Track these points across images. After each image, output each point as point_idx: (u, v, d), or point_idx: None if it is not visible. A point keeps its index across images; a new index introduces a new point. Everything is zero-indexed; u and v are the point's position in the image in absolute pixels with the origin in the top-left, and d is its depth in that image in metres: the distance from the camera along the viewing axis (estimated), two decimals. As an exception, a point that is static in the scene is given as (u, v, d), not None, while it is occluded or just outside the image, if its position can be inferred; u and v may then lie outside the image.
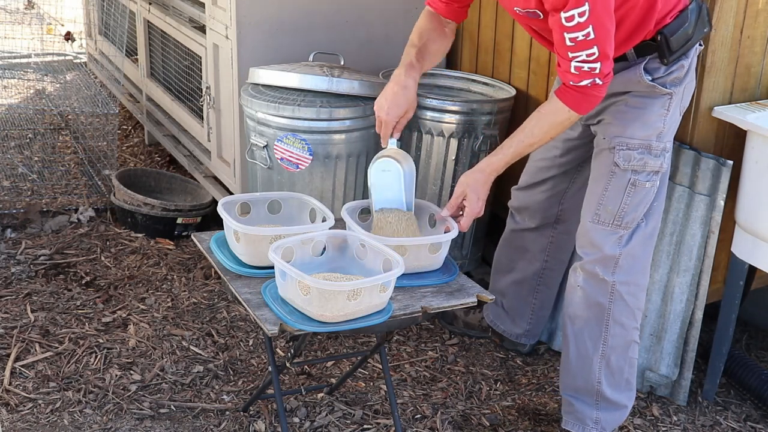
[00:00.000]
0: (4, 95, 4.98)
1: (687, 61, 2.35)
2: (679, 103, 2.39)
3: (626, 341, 2.51)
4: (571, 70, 2.15)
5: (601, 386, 2.52)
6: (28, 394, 2.67)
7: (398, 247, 2.18)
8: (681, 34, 2.29)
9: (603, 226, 2.42)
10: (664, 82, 2.33)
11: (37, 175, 4.17)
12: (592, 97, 2.20)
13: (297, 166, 2.89)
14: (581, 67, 2.14)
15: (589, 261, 2.45)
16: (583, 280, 2.47)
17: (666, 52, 2.29)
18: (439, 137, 3.08)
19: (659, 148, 2.37)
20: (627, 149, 2.36)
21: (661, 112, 2.35)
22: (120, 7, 4.55)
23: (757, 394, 2.83)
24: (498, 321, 2.99)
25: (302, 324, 1.97)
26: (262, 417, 2.64)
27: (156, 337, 3.00)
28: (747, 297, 2.89)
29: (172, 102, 4.05)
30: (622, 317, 2.48)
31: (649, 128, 2.35)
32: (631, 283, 2.47)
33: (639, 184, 2.38)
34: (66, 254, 3.52)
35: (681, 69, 2.34)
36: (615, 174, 2.39)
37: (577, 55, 2.12)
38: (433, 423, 2.67)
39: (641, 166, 2.36)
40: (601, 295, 2.46)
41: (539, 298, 2.91)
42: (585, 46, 2.10)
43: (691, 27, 2.29)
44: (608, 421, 2.55)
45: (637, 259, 2.47)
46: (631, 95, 2.36)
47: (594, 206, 2.43)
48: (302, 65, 2.99)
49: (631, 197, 2.38)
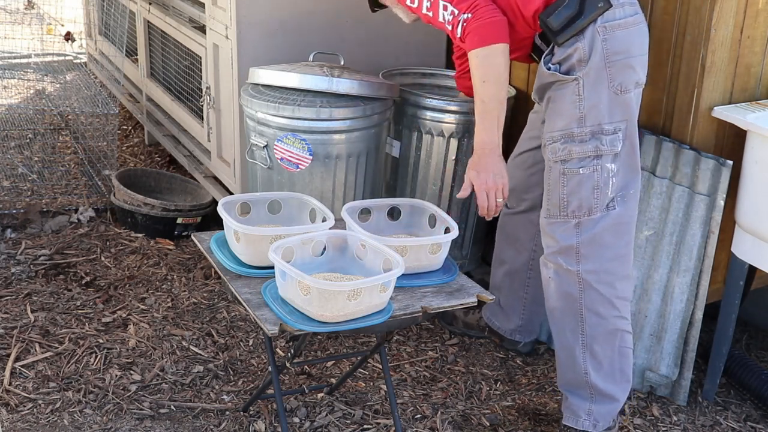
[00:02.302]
0: (4, 95, 4.98)
1: (584, 41, 2.32)
2: (601, 83, 2.34)
3: (607, 330, 2.50)
4: (449, 28, 2.32)
5: (589, 377, 2.52)
6: (28, 394, 2.68)
7: (399, 248, 2.18)
8: (561, 14, 2.31)
9: (553, 219, 2.47)
10: (569, 68, 2.35)
11: (37, 175, 4.17)
12: (480, 27, 2.28)
13: (297, 166, 2.89)
14: (449, 20, 2.31)
15: (550, 253, 2.49)
16: (553, 272, 2.50)
17: (550, 35, 2.34)
18: (439, 137, 3.08)
19: (584, 132, 2.37)
20: (552, 142, 2.42)
21: (573, 98, 2.36)
22: (120, 7, 4.55)
23: (757, 394, 2.83)
24: (493, 317, 3.00)
25: (302, 324, 1.98)
26: (262, 417, 2.64)
27: (156, 337, 3.01)
28: (747, 297, 2.89)
29: (172, 102, 4.06)
30: (596, 306, 2.48)
31: (565, 117, 2.38)
32: (601, 271, 2.45)
33: (569, 172, 2.40)
34: (66, 254, 3.52)
35: (579, 51, 2.33)
36: (551, 168, 2.45)
37: (442, 17, 2.33)
38: (433, 423, 2.67)
39: (566, 154, 2.39)
40: (570, 286, 2.48)
41: (530, 292, 2.91)
42: (436, 6, 2.33)
43: (573, 6, 2.30)
44: (601, 414, 2.56)
45: (606, 247, 2.45)
46: (551, 90, 2.42)
47: (545, 202, 2.49)
48: (302, 65, 2.99)
49: (566, 186, 2.41)
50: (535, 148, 2.69)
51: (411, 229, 2.45)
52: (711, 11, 2.55)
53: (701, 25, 2.59)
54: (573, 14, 2.31)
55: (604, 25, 2.33)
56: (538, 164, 2.69)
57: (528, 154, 2.74)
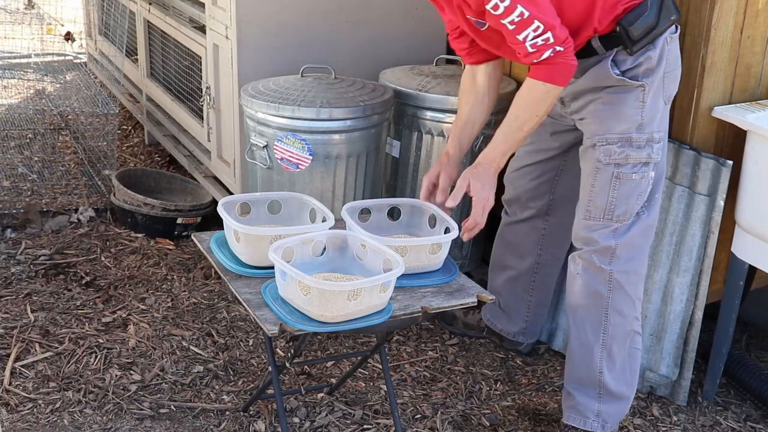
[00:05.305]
0: (4, 95, 4.98)
1: (655, 51, 2.34)
2: (659, 93, 2.39)
3: (626, 331, 2.52)
4: (529, 49, 2.20)
5: (602, 376, 2.53)
6: (28, 394, 2.68)
7: (399, 248, 2.18)
8: (641, 24, 2.30)
9: (594, 222, 2.45)
10: (634, 75, 2.35)
11: (37, 175, 4.17)
12: (561, 65, 2.23)
13: (297, 166, 2.89)
14: (535, 43, 2.19)
15: (585, 251, 2.49)
16: (582, 268, 2.50)
17: (628, 42, 2.31)
18: (439, 137, 3.08)
19: (642, 139, 2.38)
20: (607, 144, 2.39)
21: (636, 104, 2.36)
22: (120, 7, 4.55)
23: (757, 394, 2.83)
24: (495, 320, 2.99)
25: (302, 324, 1.97)
26: (262, 417, 2.64)
27: (156, 337, 3.00)
28: (747, 297, 2.89)
29: (172, 102, 4.06)
30: (621, 306, 2.50)
31: (626, 121, 2.37)
32: (631, 272, 2.48)
33: (623, 177, 2.39)
34: (66, 254, 3.52)
35: (650, 60, 2.34)
36: (599, 170, 2.42)
37: (526, 35, 2.18)
38: (433, 423, 2.67)
39: (623, 159, 2.39)
40: (599, 284, 2.48)
41: (535, 295, 2.91)
42: (525, 24, 2.16)
43: (652, 16, 2.30)
44: (610, 415, 2.56)
45: (637, 249, 2.48)
46: (605, 92, 2.39)
47: (585, 203, 2.47)
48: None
49: (617, 190, 2.41)
50: (542, 160, 2.71)
51: (411, 229, 2.44)
52: (711, 11, 2.55)
53: (701, 25, 2.59)
54: (652, 24, 2.31)
55: (668, 37, 2.37)
56: (545, 174, 2.73)
57: (534, 167, 2.74)
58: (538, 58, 2.21)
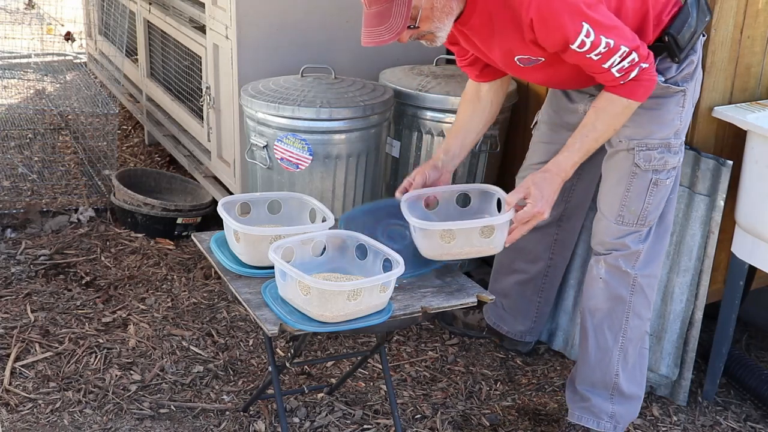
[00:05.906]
0: (4, 95, 4.98)
1: (696, 55, 2.36)
2: (692, 96, 2.40)
3: (641, 333, 2.54)
4: (616, 74, 2.18)
5: (618, 379, 2.53)
6: (28, 394, 2.68)
7: (446, 233, 2.16)
8: (686, 31, 2.29)
9: (627, 227, 2.44)
10: (676, 81, 2.34)
11: (37, 175, 4.17)
12: (646, 81, 2.21)
13: (297, 166, 2.89)
14: (622, 66, 2.16)
15: (613, 255, 2.46)
16: (605, 272, 2.48)
17: (676, 51, 2.30)
18: (439, 137, 3.08)
19: (677, 144, 2.39)
20: (647, 149, 2.36)
21: (677, 110, 2.36)
22: (120, 7, 4.55)
23: (757, 394, 2.83)
24: (500, 322, 2.98)
25: (302, 324, 1.97)
26: (262, 417, 2.64)
27: (156, 337, 3.00)
28: (747, 297, 2.89)
29: (172, 102, 4.06)
30: (641, 309, 2.50)
31: (667, 127, 2.36)
32: (651, 275, 2.50)
33: (660, 183, 2.39)
34: (66, 254, 3.52)
35: (691, 64, 2.35)
36: (636, 175, 2.39)
37: (612, 62, 2.15)
38: (433, 423, 2.67)
39: (662, 165, 2.37)
40: (622, 288, 2.48)
41: (544, 296, 2.91)
42: (612, 52, 2.13)
43: (694, 21, 2.30)
44: (622, 415, 2.56)
45: (657, 252, 2.50)
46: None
47: (617, 208, 2.43)
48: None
49: (653, 196, 2.40)
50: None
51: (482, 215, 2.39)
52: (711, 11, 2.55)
53: (701, 25, 2.59)
54: (694, 29, 2.30)
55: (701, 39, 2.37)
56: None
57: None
58: (626, 80, 2.19)
